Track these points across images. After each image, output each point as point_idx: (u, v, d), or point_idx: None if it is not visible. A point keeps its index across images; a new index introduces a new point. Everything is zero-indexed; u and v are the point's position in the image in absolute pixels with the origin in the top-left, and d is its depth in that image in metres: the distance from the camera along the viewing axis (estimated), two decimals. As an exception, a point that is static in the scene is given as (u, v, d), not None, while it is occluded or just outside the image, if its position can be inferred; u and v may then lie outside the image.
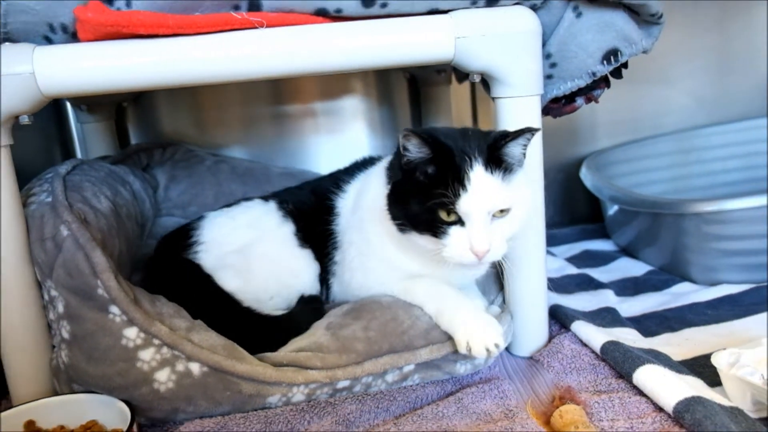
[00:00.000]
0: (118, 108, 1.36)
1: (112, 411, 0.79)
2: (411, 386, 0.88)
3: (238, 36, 0.81)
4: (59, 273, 0.81)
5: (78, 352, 0.80)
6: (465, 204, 0.78)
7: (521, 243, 0.92)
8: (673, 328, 1.03)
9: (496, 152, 0.80)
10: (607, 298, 1.14)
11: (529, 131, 0.80)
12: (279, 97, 1.50)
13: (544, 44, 0.90)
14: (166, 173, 1.26)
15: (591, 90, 0.95)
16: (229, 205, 1.11)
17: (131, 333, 0.79)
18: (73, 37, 0.82)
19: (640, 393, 0.82)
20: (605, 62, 0.90)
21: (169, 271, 0.99)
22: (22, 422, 0.79)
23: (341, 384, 0.83)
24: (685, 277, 1.21)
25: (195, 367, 0.79)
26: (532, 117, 0.89)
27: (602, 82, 0.95)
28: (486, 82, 0.91)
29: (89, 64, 0.79)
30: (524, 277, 0.95)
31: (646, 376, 0.81)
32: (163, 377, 0.79)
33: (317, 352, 0.83)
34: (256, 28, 0.82)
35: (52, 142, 1.35)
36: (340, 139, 1.54)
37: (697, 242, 1.17)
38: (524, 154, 0.84)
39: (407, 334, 0.85)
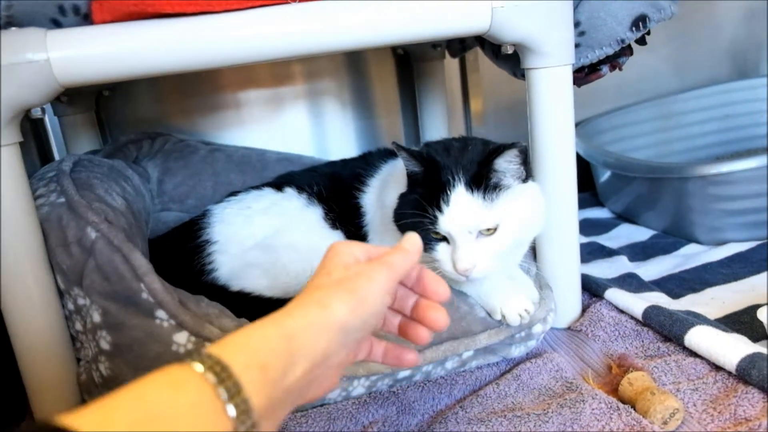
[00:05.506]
0: (98, 98, 1.25)
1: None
2: (468, 369, 0.86)
3: (268, 12, 0.76)
4: (93, 279, 0.74)
5: (122, 363, 0.74)
6: (444, 224, 0.77)
7: (554, 214, 0.91)
8: (695, 289, 1.05)
9: (483, 169, 0.78)
10: (623, 264, 1.15)
11: (515, 147, 0.77)
12: (259, 81, 1.43)
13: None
14: (158, 166, 1.17)
15: (616, 58, 0.95)
16: (233, 195, 1.04)
17: (181, 338, 0.73)
18: (85, 20, 0.75)
19: (693, 354, 0.83)
20: (634, 29, 0.90)
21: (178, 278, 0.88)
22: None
23: (402, 374, 0.80)
24: (690, 239, 1.23)
25: (252, 368, 0.74)
26: (565, 87, 0.89)
27: (627, 50, 0.94)
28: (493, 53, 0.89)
29: (110, 49, 0.72)
30: (558, 248, 0.95)
31: (700, 336, 0.82)
32: (219, 382, 0.74)
33: (375, 342, 0.79)
34: (288, 3, 0.77)
35: (26, 137, 1.23)
36: (321, 121, 1.49)
37: (701, 204, 1.19)
38: (523, 169, 0.80)
39: (465, 320, 0.83)
